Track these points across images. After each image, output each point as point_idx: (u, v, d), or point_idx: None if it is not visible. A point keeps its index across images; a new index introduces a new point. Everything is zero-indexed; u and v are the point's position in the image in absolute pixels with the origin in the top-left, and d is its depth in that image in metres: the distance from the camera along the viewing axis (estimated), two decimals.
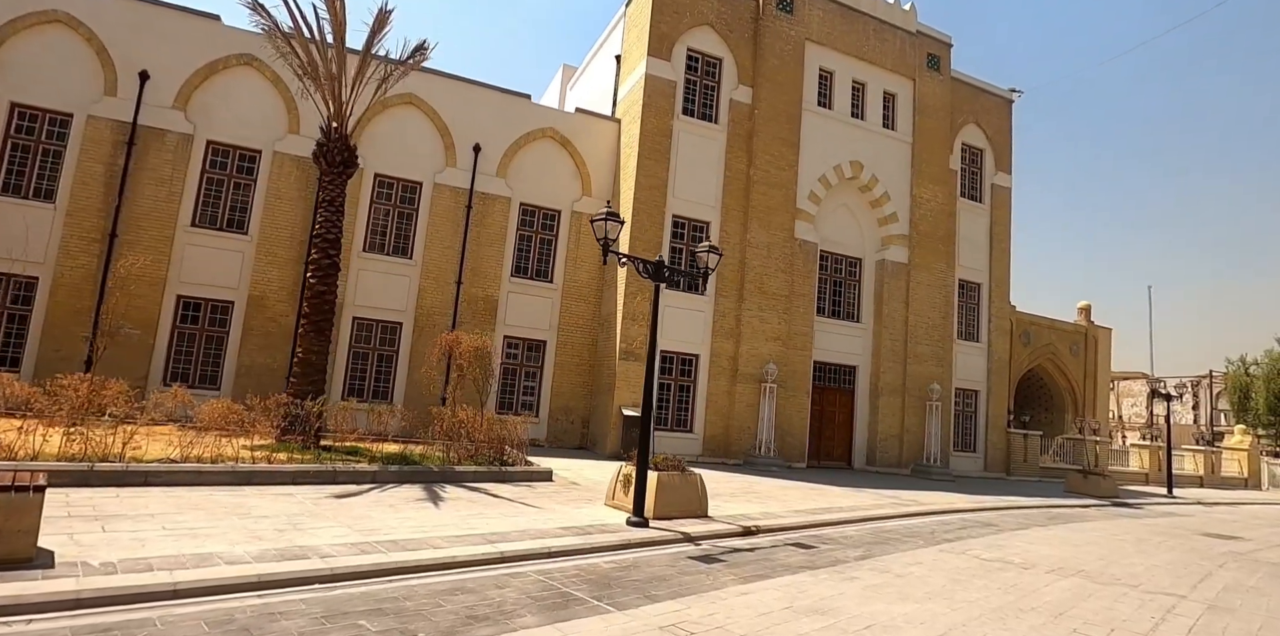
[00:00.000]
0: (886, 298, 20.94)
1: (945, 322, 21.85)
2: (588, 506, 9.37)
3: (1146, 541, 11.23)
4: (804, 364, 19.36)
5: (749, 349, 18.52)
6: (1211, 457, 29.52)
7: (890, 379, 20.66)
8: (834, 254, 20.95)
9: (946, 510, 13.03)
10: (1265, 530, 14.36)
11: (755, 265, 18.84)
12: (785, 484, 14.56)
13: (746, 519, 9.50)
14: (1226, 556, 10.21)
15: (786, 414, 18.85)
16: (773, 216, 19.21)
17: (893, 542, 9.04)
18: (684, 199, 18.53)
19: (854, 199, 21.33)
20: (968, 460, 22.18)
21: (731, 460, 18.01)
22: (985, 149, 23.96)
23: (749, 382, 18.37)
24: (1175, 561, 9.37)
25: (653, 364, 9.05)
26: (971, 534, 10.48)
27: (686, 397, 18.20)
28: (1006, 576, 7.39)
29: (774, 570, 6.84)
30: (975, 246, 23.23)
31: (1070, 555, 9.16)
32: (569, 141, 19.26)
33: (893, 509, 12.20)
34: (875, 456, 20.25)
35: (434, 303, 17.44)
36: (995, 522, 12.10)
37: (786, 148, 19.68)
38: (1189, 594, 7.24)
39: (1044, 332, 40.58)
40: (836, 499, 12.85)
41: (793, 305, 19.29)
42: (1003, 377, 23.21)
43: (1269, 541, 12.49)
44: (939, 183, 22.18)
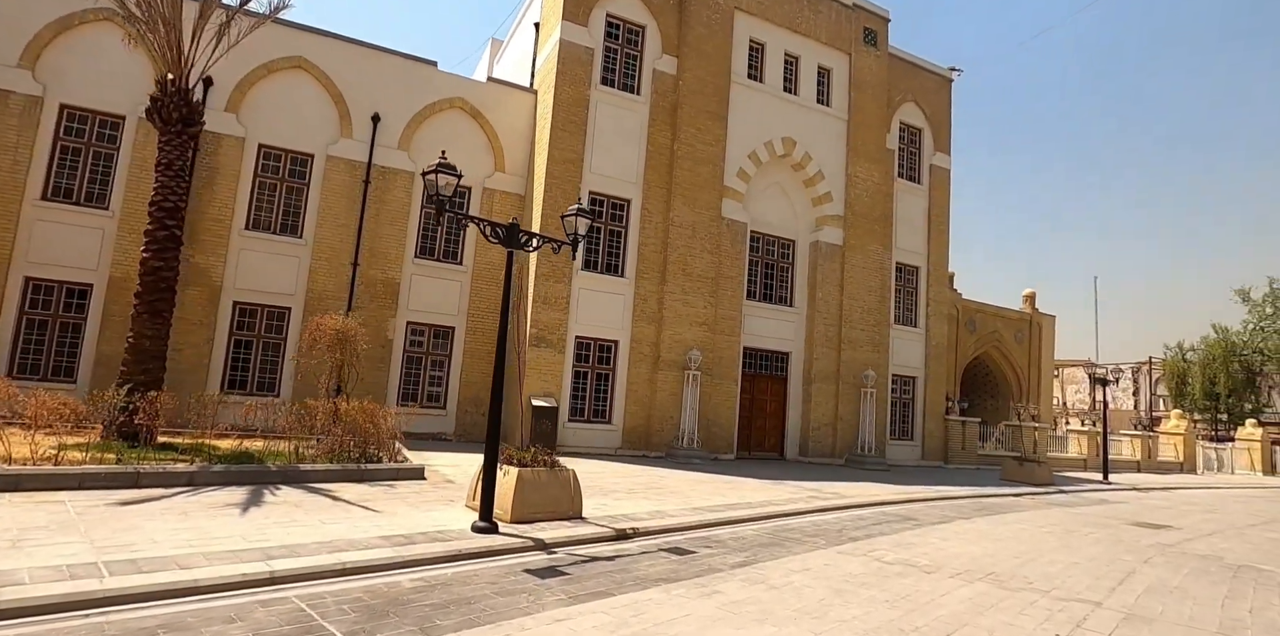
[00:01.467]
0: (820, 281, 20.04)
1: (882, 307, 21.06)
2: (444, 509, 8.12)
3: (1073, 533, 10.44)
4: (732, 350, 18.33)
5: (672, 334, 17.41)
6: (1148, 442, 29.53)
7: (824, 365, 19.79)
8: (765, 235, 19.95)
9: (868, 503, 12.11)
10: (1196, 517, 13.80)
11: (679, 246, 17.71)
12: (701, 477, 13.50)
13: (629, 519, 8.36)
14: (1154, 549, 9.44)
15: (713, 403, 17.81)
16: (699, 194, 18.10)
17: (790, 544, 8.00)
18: (602, 174, 17.28)
19: (786, 177, 20.34)
20: (905, 448, 21.48)
21: (653, 452, 16.91)
22: (924, 128, 23.22)
23: (672, 370, 17.27)
24: (1099, 557, 8.52)
25: (504, 343, 7.86)
26: (885, 530, 9.52)
27: (605, 387, 17.02)
28: (903, 584, 6.37)
29: (622, 585, 5.69)
30: (913, 228, 22.49)
31: (986, 553, 8.24)
32: (480, 113, 17.84)
33: (808, 503, 11.21)
34: (808, 446, 19.38)
35: (327, 286, 15.92)
36: (916, 516, 11.20)
37: (714, 122, 18.56)
38: (1105, 599, 6.31)
39: (989, 320, 40.56)
40: (750, 493, 11.82)
41: (720, 288, 18.23)
42: (941, 363, 22.56)
43: (1199, 530, 11.86)
44: (875, 162, 21.33)
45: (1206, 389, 43.56)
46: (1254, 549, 10.14)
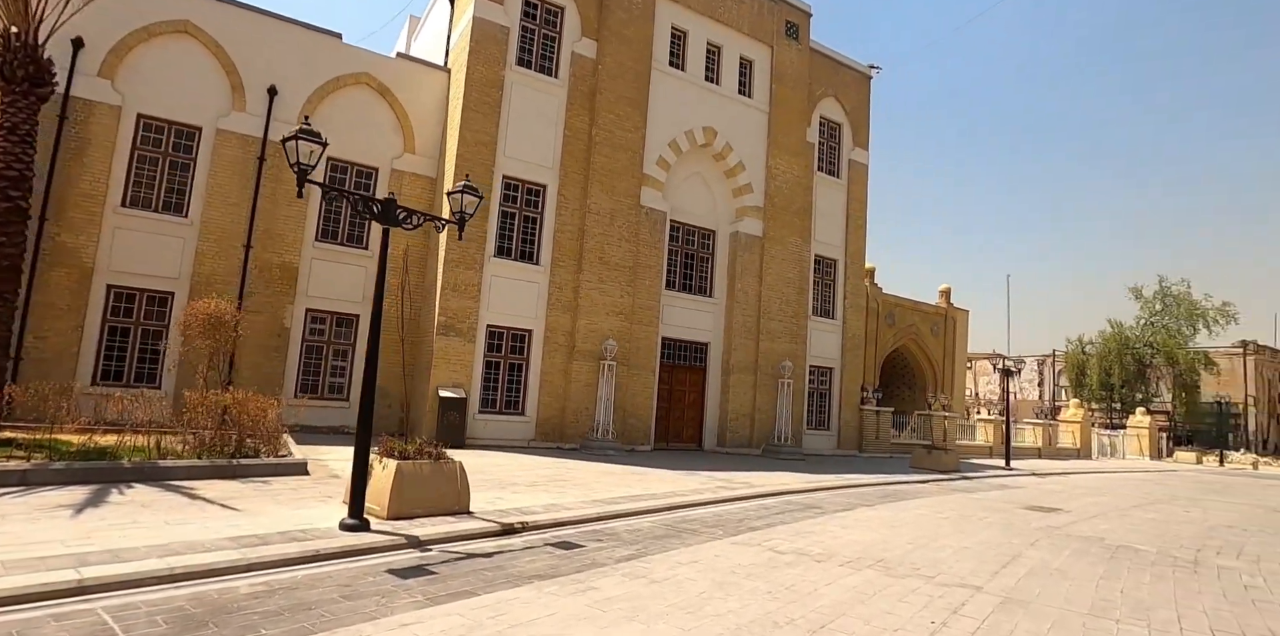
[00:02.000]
0: (740, 272, 20.05)
1: (800, 298, 21.26)
2: (318, 506, 7.54)
3: (968, 518, 10.65)
4: (650, 340, 18.12)
5: (588, 323, 17.05)
6: (1049, 430, 31.06)
7: (742, 356, 19.83)
8: (685, 224, 19.80)
9: (776, 492, 12.09)
10: (1085, 500, 14.42)
11: (596, 233, 17.35)
12: (611, 469, 13.23)
13: (521, 513, 7.98)
14: (1041, 532, 9.70)
15: (630, 393, 17.57)
16: (617, 181, 17.76)
17: (685, 535, 7.78)
18: (517, 158, 16.72)
19: (707, 167, 20.24)
20: (821, 438, 21.82)
21: (567, 444, 16.55)
22: (843, 124, 23.54)
23: (588, 360, 16.92)
24: (988, 541, 8.66)
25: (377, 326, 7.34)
26: (787, 519, 9.45)
27: (518, 377, 16.53)
28: (790, 574, 6.23)
29: (491, 583, 5.32)
30: (832, 222, 22.80)
31: (881, 540, 8.24)
32: (389, 91, 16.97)
33: (715, 494, 11.08)
34: (726, 437, 19.40)
35: (216, 269, 14.83)
36: (821, 504, 11.23)
37: (633, 108, 18.24)
38: (987, 583, 6.33)
39: (907, 314, 41.86)
40: (658, 484, 11.61)
41: (638, 277, 17.97)
42: (857, 355, 23.00)
43: (1085, 512, 12.34)
44: (796, 155, 21.48)
45: (1103, 380, 46.22)
46: (1133, 529, 10.58)
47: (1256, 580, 7.40)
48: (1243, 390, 48.08)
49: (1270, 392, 51.10)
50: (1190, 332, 45.19)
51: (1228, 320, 44.53)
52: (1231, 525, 11.85)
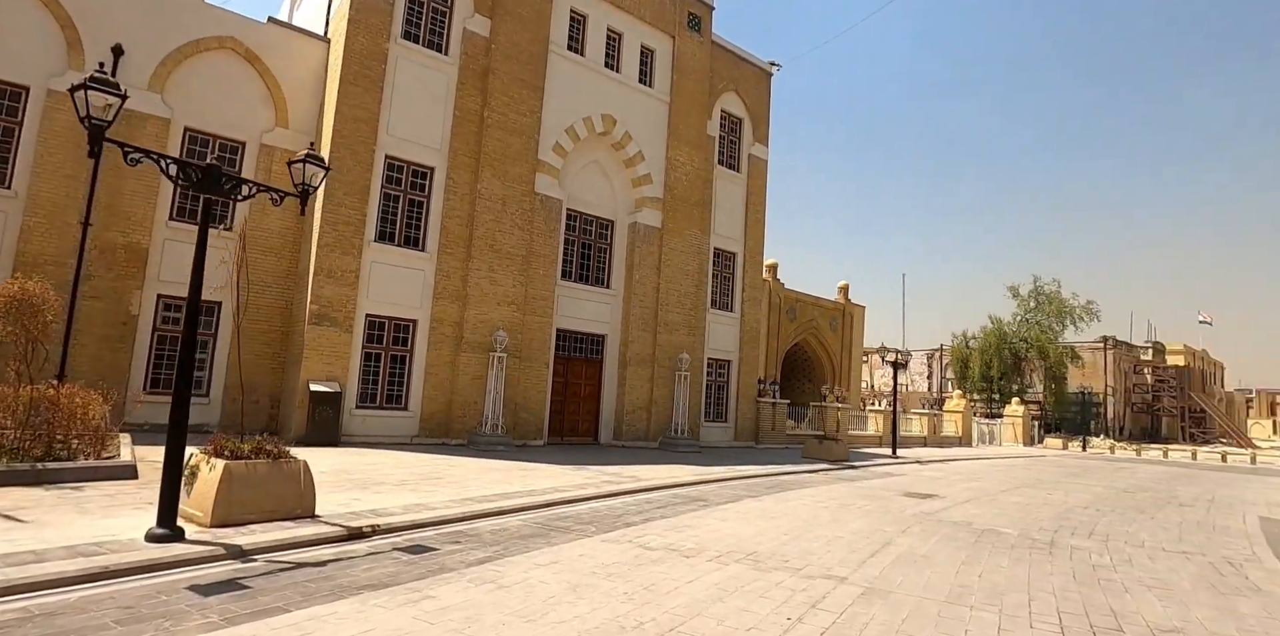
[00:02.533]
0: (638, 263, 19.78)
1: (699, 291, 21.24)
2: (133, 514, 6.63)
3: (848, 507, 10.75)
4: (544, 331, 17.58)
5: (477, 314, 16.32)
6: (934, 420, 32.64)
7: (640, 348, 19.59)
8: (583, 213, 19.34)
9: (664, 485, 11.86)
10: (960, 486, 15.00)
11: (487, 220, 16.62)
12: (496, 465, 12.64)
13: (376, 516, 7.32)
14: (915, 518, 9.88)
15: (522, 386, 16.97)
16: (510, 166, 17.07)
17: (555, 534, 7.36)
18: (402, 138, 15.76)
19: (606, 156, 19.83)
20: (718, 430, 21.92)
21: (454, 440, 15.79)
22: (744, 119, 23.68)
23: (477, 352, 16.20)
24: (863, 529, 8.70)
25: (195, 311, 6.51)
26: (668, 513, 9.20)
27: (401, 370, 15.62)
28: (654, 572, 5.92)
29: (312, 597, 4.71)
30: (731, 215, 22.90)
31: (757, 532, 8.09)
32: (258, 58, 15.61)
33: (599, 489, 10.71)
34: (622, 430, 19.12)
35: (45, 249, 13.17)
36: (707, 497, 11.07)
37: (529, 91, 17.58)
38: (852, 573, 6.23)
39: (808, 309, 43.07)
40: (542, 480, 11.14)
41: (531, 266, 17.37)
42: (755, 348, 23.25)
43: (958, 498, 12.78)
44: (696, 147, 21.40)
45: (984, 372, 49.20)
46: (999, 513, 10.99)
47: (1104, 559, 7.71)
48: (1103, 381, 52.37)
49: (1126, 383, 55.94)
50: (1060, 329, 48.77)
51: (1091, 317, 48.36)
52: (1086, 506, 12.56)
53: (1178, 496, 15.40)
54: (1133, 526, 10.38)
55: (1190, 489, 17.61)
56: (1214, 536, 9.92)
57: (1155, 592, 6.24)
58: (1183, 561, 7.86)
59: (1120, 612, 5.50)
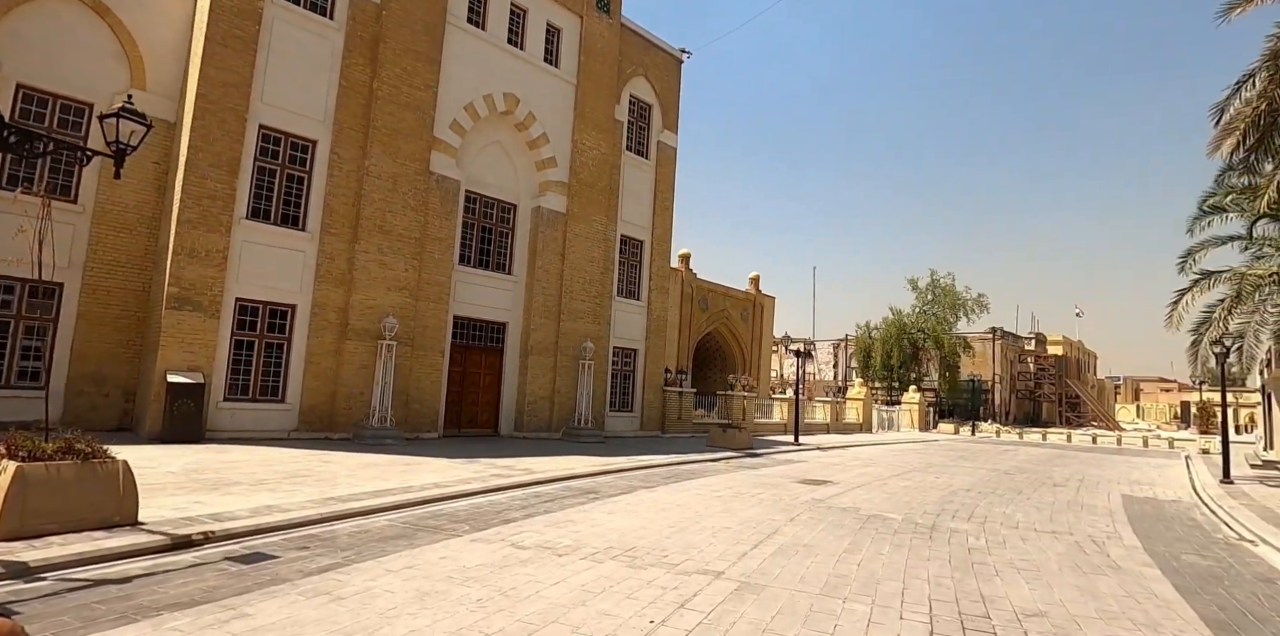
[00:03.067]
0: (541, 248, 19.15)
1: (604, 278, 20.82)
2: None
3: (743, 496, 10.63)
4: (439, 318, 16.73)
5: (365, 299, 15.32)
6: (836, 407, 33.60)
7: (543, 336, 19.01)
8: (484, 196, 18.52)
9: (557, 477, 11.41)
10: (854, 472, 15.28)
11: (376, 199, 15.59)
12: (377, 460, 11.84)
13: (215, 521, 6.52)
14: (806, 505, 9.84)
15: (415, 376, 16.10)
16: (403, 143, 16.07)
17: (422, 534, 6.78)
18: (279, 107, 14.52)
19: (509, 137, 19.05)
20: (624, 420, 21.65)
21: (338, 434, 14.80)
22: (653, 105, 23.33)
23: (364, 340, 15.22)
24: (752, 518, 8.54)
25: None
26: (553, 507, 8.76)
27: (278, 359, 14.47)
28: (519, 574, 5.46)
29: (94, 622, 4.00)
30: (639, 202, 22.57)
31: (642, 526, 7.77)
32: (109, 10, 13.98)
33: (486, 483, 10.14)
34: (524, 421, 18.53)
35: None
36: (600, 489, 10.71)
37: (424, 64, 16.58)
38: (731, 567, 5.99)
39: (719, 299, 43.49)
40: (425, 475, 10.47)
41: (426, 250, 16.46)
42: (661, 336, 23.07)
43: (851, 483, 12.95)
44: (603, 131, 20.90)
45: (885, 361, 51.23)
46: (888, 498, 11.14)
47: (980, 541, 7.83)
48: (991, 370, 55.58)
49: (1012, 372, 59.62)
50: (954, 320, 51.30)
51: (982, 309, 51.12)
52: (969, 489, 12.98)
53: (1052, 477, 16.25)
54: (1009, 507, 10.73)
55: (1064, 469, 18.68)
56: (1081, 515, 10.37)
57: (1024, 575, 6.30)
58: (1052, 541, 8.08)
59: (990, 597, 5.47)
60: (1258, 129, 12.28)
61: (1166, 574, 6.65)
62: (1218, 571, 6.92)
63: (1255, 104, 12.27)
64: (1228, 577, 6.67)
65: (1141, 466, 21.47)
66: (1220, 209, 18.26)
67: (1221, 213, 18.29)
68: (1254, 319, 18.01)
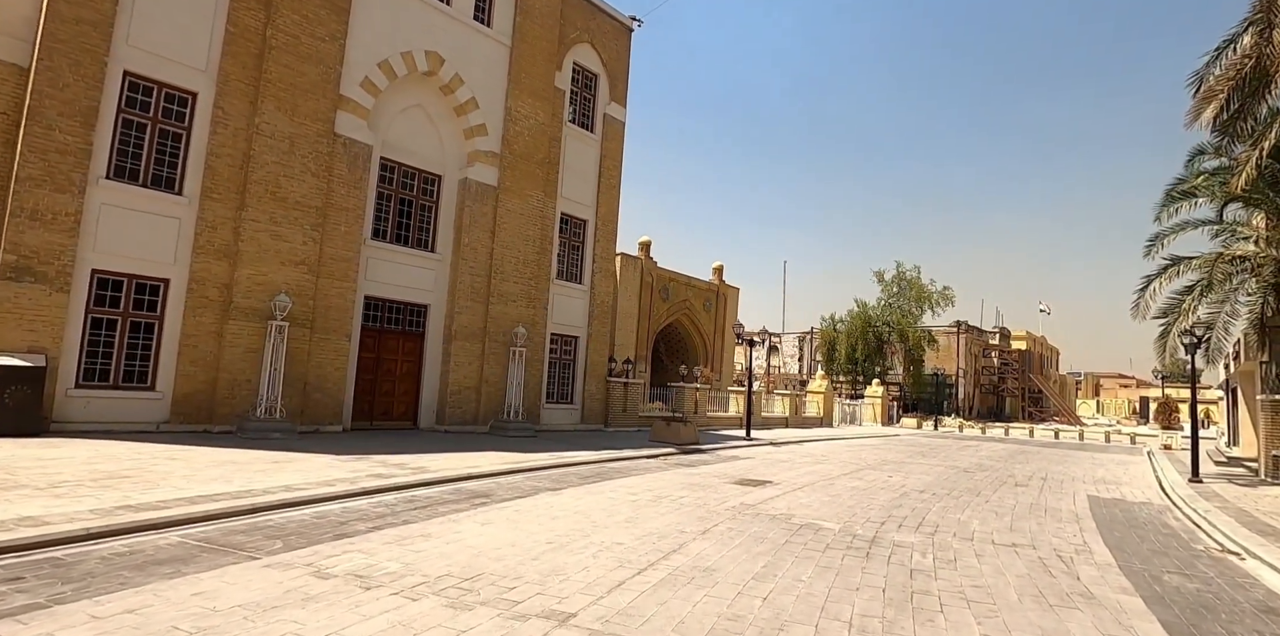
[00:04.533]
0: (468, 224, 17.46)
1: (542, 259, 19.19)
2: None
3: (662, 500, 9.17)
4: (345, 298, 14.99)
5: (254, 274, 13.53)
6: (796, 400, 32.41)
7: (469, 320, 17.35)
8: (402, 165, 16.76)
9: (450, 478, 9.83)
10: (801, 470, 13.94)
11: (269, 161, 13.78)
12: (239, 457, 10.13)
13: None
14: (731, 513, 8.41)
15: (315, 362, 14.37)
16: (302, 100, 14.26)
17: (210, 555, 5.18)
18: (149, 52, 12.63)
19: (432, 101, 17.29)
20: (563, 412, 20.10)
21: (219, 427, 13.03)
22: (600, 75, 21.70)
23: (251, 320, 13.43)
24: (658, 530, 7.08)
25: None
26: (419, 516, 7.20)
27: (147, 340, 12.64)
28: (283, 619, 3.91)
29: None
30: (583, 179, 20.95)
31: (511, 542, 6.26)
32: None
33: (356, 485, 8.53)
34: (446, 413, 16.88)
35: None
36: (495, 492, 9.17)
37: (330, 12, 14.76)
38: (590, 606, 4.49)
39: (681, 289, 42.05)
40: (289, 475, 8.84)
41: (330, 221, 14.70)
42: (606, 323, 21.52)
43: (794, 484, 11.58)
44: (542, 99, 19.22)
45: (850, 354, 50.34)
46: (830, 502, 9.78)
47: (926, 559, 6.46)
48: (956, 364, 55.10)
49: (976, 366, 59.26)
50: (919, 313, 50.56)
51: (947, 302, 50.41)
52: (924, 489, 11.70)
53: (1014, 475, 15.10)
54: (965, 513, 9.44)
55: (1026, 466, 17.61)
56: (1045, 522, 9.11)
57: (976, 609, 4.92)
58: (1012, 557, 6.75)
59: None
60: (1242, 93, 11.12)
61: (1151, 604, 5.33)
62: (1209, 599, 5.63)
63: (1239, 65, 11.10)
64: (1223, 608, 5.38)
65: (1105, 463, 20.56)
66: (1190, 194, 17.28)
67: (1191, 198, 17.31)
68: (1224, 309, 17.08)
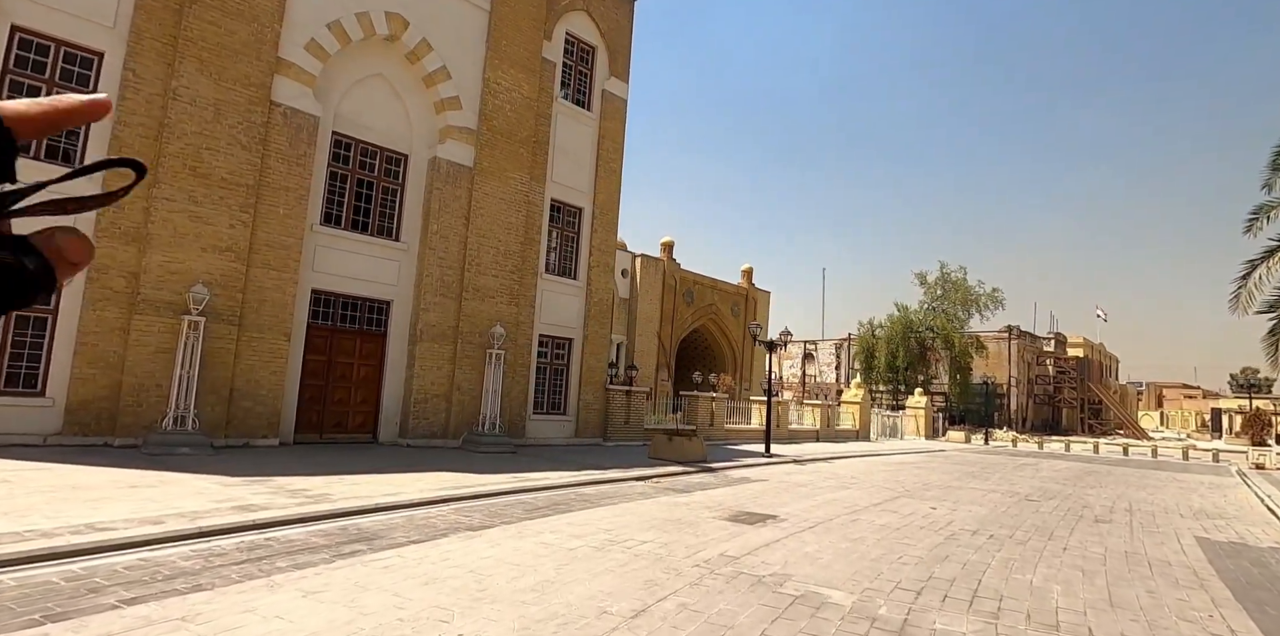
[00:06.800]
0: (438, 209, 15.30)
1: (527, 250, 16.93)
2: None
3: (614, 546, 6.73)
4: (285, 291, 12.91)
5: (167, 261, 11.54)
6: (828, 411, 29.49)
7: (438, 318, 15.16)
8: (361, 141, 14.71)
9: (347, 511, 7.57)
10: (821, 498, 11.30)
11: (189, 131, 11.82)
12: (93, 480, 8.02)
13: None
14: (700, 572, 5.92)
15: (245, 365, 12.30)
16: (231, 62, 12.29)
17: None
18: (41, 3, 10.78)
19: (397, 70, 15.23)
20: (554, 424, 17.72)
21: (122, 439, 11.00)
22: (598, 47, 19.46)
23: (164, 314, 11.42)
24: (567, 612, 4.66)
25: None
26: (243, 573, 4.96)
27: (36, 338, 10.71)
28: None
29: None
30: (577, 162, 18.67)
31: (317, 634, 3.90)
32: None
33: (193, 524, 6.32)
34: (410, 424, 14.67)
35: None
36: (389, 532, 6.87)
37: None
38: None
39: (706, 292, 39.49)
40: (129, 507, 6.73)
41: (265, 202, 12.67)
42: (605, 324, 19.12)
43: (804, 520, 8.98)
44: (527, 71, 17.04)
45: (890, 362, 46.95)
46: (848, 550, 7.18)
47: None
48: (1007, 372, 51.16)
49: (1029, 374, 55.13)
50: (965, 317, 46.97)
51: (997, 305, 46.72)
52: (977, 529, 8.98)
53: (1090, 505, 12.19)
54: (1038, 571, 6.75)
55: (1102, 492, 14.60)
56: (1157, 586, 6.38)
57: None
58: None
59: None
60: None
61: None
62: None
63: None
64: None
65: (1194, 486, 17.32)
66: None
67: None
68: None
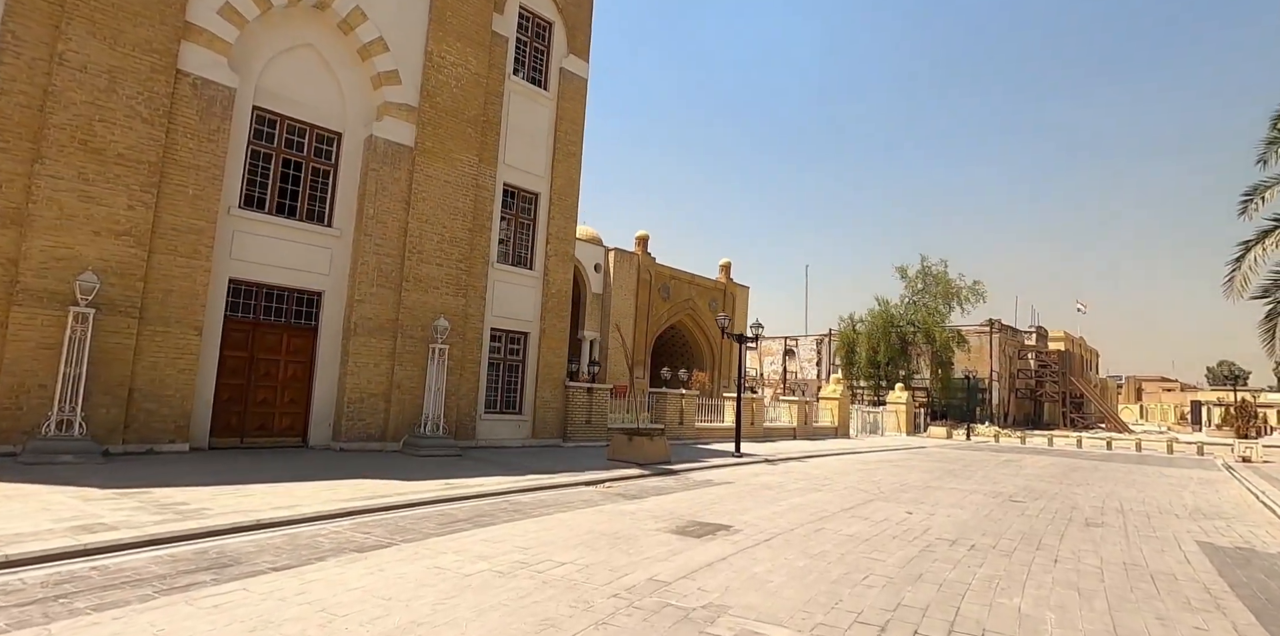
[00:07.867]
0: (375, 192, 14.09)
1: (476, 238, 15.75)
2: None
3: (523, 569, 5.63)
4: (195, 280, 11.65)
5: (52, 246, 10.25)
6: (805, 408, 28.50)
7: (375, 311, 13.95)
8: (288, 118, 13.46)
9: (217, 530, 6.43)
10: (786, 502, 10.25)
11: (79, 100, 10.54)
12: None
13: None
14: (616, 606, 4.84)
15: (147, 362, 11.04)
16: (127, 25, 11.00)
17: None
18: None
19: (327, 40, 13.99)
20: (508, 425, 16.55)
21: (3, 446, 9.72)
22: (554, 22, 18.29)
23: (48, 306, 10.15)
24: None
25: None
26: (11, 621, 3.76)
27: None
28: None
29: None
30: (532, 144, 17.50)
31: None
32: None
33: None
34: (344, 426, 13.46)
35: None
36: (255, 556, 5.76)
37: None
38: None
39: (684, 287, 38.38)
40: None
41: (172, 182, 11.41)
42: (563, 317, 17.97)
43: (762, 530, 7.91)
44: (475, 44, 15.84)
45: (871, 357, 46.16)
46: (805, 569, 6.11)
47: None
48: (989, 366, 50.57)
49: (1011, 368, 54.63)
50: (946, 311, 46.26)
51: (978, 298, 46.03)
52: (956, 538, 7.96)
53: (1079, 506, 11.24)
54: (1026, 593, 5.72)
55: (1090, 490, 13.70)
56: (1166, 608, 5.37)
57: None
58: None
59: None
60: None
61: None
62: None
63: None
64: None
65: (1184, 482, 16.50)
66: None
67: None
68: None
